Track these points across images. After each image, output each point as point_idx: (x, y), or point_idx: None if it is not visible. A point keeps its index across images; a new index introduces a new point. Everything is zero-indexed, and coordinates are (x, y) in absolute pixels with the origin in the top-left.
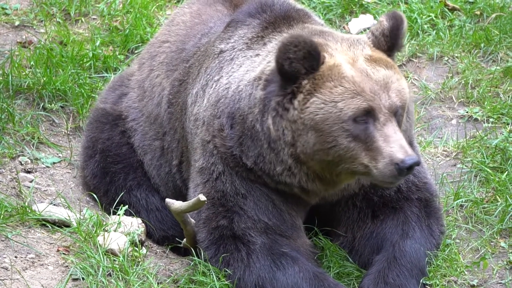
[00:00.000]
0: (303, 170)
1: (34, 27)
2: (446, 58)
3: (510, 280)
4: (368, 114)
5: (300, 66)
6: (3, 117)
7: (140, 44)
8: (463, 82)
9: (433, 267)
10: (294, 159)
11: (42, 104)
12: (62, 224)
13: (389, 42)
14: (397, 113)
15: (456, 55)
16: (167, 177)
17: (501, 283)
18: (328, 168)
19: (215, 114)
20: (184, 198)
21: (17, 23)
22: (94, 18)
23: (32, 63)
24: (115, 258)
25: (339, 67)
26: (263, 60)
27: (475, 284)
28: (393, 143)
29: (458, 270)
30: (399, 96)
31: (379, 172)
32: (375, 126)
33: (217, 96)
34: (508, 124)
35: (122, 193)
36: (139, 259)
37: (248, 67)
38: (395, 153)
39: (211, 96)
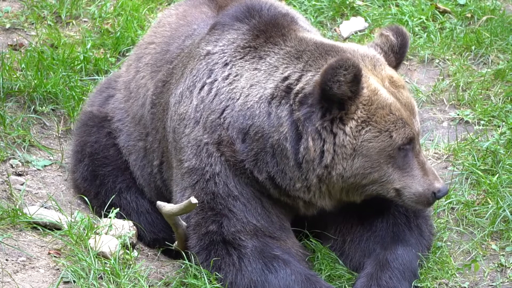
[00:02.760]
0: (321, 188)
1: (25, 29)
2: (437, 61)
3: (501, 282)
4: (410, 142)
5: (347, 89)
6: None
7: (131, 47)
8: (454, 84)
9: (425, 270)
10: (319, 179)
11: (33, 107)
12: (53, 227)
13: (398, 59)
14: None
15: (447, 57)
16: (149, 177)
17: (492, 285)
18: (351, 190)
19: (220, 123)
20: (165, 199)
21: (8, 25)
22: (85, 21)
23: (23, 65)
24: (106, 261)
25: (379, 92)
26: (269, 76)
27: (466, 287)
28: (428, 172)
29: (449, 272)
30: (418, 117)
31: (414, 197)
32: (413, 154)
33: (220, 103)
34: (499, 126)
35: (113, 196)
36: (131, 262)
37: (251, 81)
38: (433, 182)
39: (208, 100)
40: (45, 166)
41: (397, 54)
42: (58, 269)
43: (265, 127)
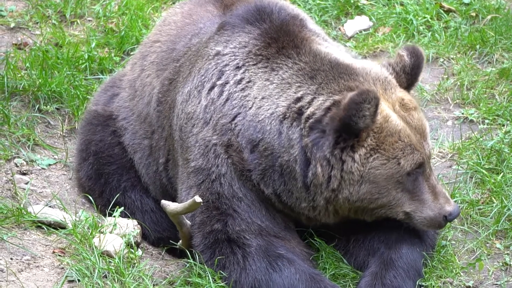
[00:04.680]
0: (328, 208)
1: (30, 29)
2: (441, 60)
3: (505, 281)
4: (419, 167)
5: (370, 121)
6: None
7: (135, 46)
8: (458, 83)
9: (429, 268)
10: (326, 200)
11: (37, 106)
12: (57, 226)
13: (409, 80)
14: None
15: (452, 56)
16: (155, 175)
17: (496, 284)
18: (359, 211)
19: (231, 128)
20: (170, 197)
21: (12, 25)
22: (89, 20)
23: (27, 65)
24: (110, 260)
25: (390, 118)
26: (281, 92)
27: (471, 285)
28: (439, 195)
29: (454, 271)
30: (430, 139)
31: (425, 221)
32: (423, 177)
33: (232, 109)
34: (503, 125)
35: (118, 195)
36: (135, 261)
37: (263, 92)
38: (443, 206)
39: (219, 103)
40: (49, 165)
41: (408, 75)
42: (62, 268)
43: (275, 145)
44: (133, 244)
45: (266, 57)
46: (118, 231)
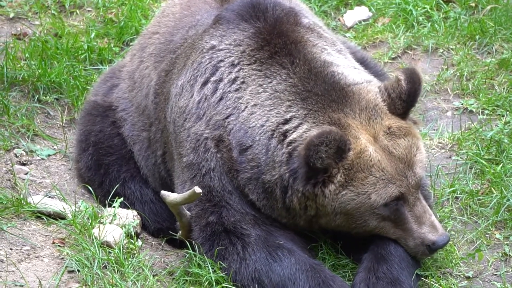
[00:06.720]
0: (312, 226)
1: (29, 19)
2: (441, 50)
3: (505, 271)
4: (397, 199)
5: (331, 161)
6: None
7: (135, 36)
8: (458, 74)
9: (428, 259)
10: (307, 221)
11: (37, 96)
12: (57, 216)
13: (405, 107)
14: (421, 181)
15: (451, 47)
16: (153, 168)
17: (496, 274)
18: (347, 231)
19: (224, 125)
20: (169, 189)
21: (11, 15)
22: (89, 10)
23: (27, 55)
24: (110, 250)
25: (365, 153)
26: (273, 106)
27: (470, 276)
28: (424, 224)
29: (453, 261)
30: (422, 165)
31: (410, 249)
32: (405, 208)
33: (226, 108)
34: (503, 116)
35: (117, 186)
36: (135, 251)
37: (256, 99)
38: (427, 235)
39: (213, 101)
40: (49, 155)
41: (403, 103)
42: (62, 258)
43: (261, 161)
44: (133, 235)
45: (259, 60)
46: (118, 221)
